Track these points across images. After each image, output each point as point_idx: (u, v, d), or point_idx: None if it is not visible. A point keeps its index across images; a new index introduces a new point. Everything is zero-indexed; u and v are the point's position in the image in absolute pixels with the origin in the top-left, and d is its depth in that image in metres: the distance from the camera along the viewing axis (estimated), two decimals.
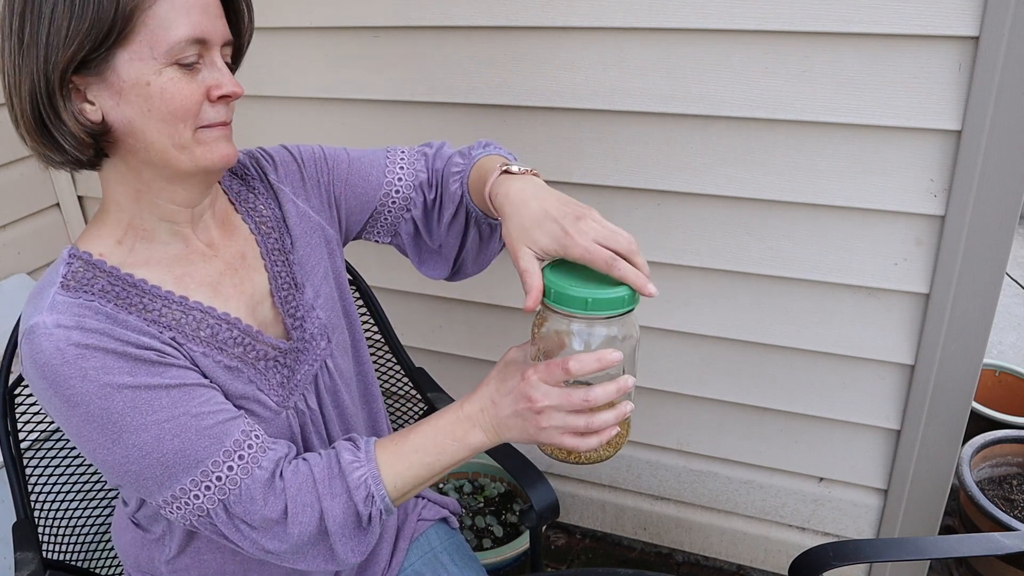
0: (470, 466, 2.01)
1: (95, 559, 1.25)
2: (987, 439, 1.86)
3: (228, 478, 0.79)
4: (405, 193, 1.03)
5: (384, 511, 0.83)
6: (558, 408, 0.77)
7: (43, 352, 0.75)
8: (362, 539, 0.84)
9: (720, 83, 1.41)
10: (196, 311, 0.85)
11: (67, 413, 0.77)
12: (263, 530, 0.81)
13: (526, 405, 0.78)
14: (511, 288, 1.75)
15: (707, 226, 1.54)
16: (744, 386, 1.66)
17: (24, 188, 2.01)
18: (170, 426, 0.78)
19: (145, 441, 0.77)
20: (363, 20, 1.59)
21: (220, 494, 0.79)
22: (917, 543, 1.10)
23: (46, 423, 1.23)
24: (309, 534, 0.81)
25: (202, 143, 0.80)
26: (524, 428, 0.79)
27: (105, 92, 0.77)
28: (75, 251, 0.82)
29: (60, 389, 0.75)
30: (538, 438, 0.79)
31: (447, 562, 1.13)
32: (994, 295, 1.37)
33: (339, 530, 0.82)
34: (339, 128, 1.72)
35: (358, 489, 0.82)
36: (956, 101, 1.29)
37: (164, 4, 0.75)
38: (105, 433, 0.77)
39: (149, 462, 0.78)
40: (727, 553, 1.87)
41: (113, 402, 0.76)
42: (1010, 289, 3.06)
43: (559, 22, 1.45)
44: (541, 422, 0.78)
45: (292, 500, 0.81)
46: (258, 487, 0.80)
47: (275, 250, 0.96)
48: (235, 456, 0.80)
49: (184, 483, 0.79)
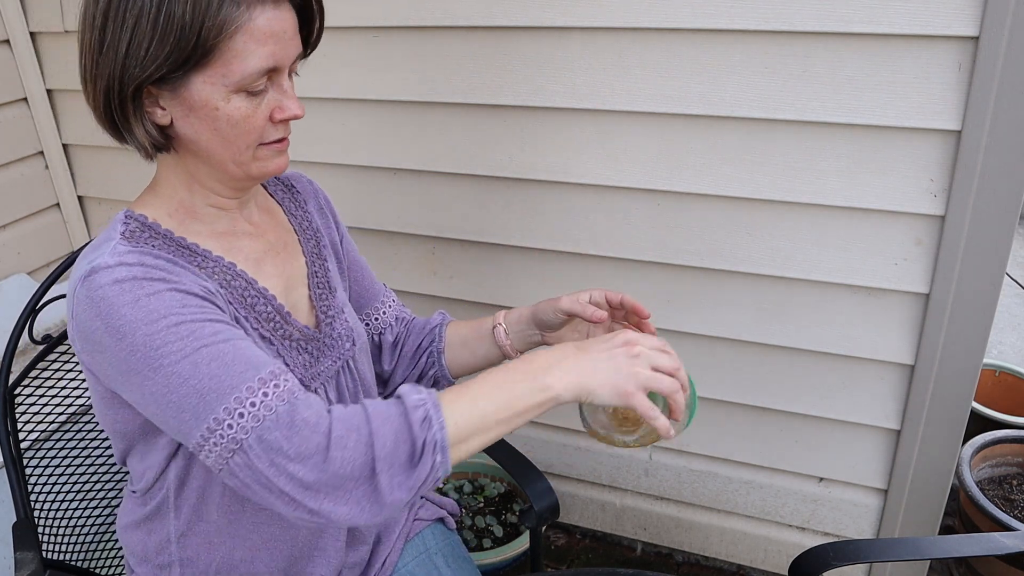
0: (470, 466, 2.01)
1: (95, 559, 1.25)
2: (987, 439, 1.86)
3: (263, 403, 0.76)
4: (388, 318, 1.16)
5: (440, 446, 0.74)
6: (652, 350, 0.81)
7: (101, 287, 0.78)
8: (411, 474, 0.75)
9: (720, 83, 1.41)
10: (241, 279, 0.90)
11: (116, 349, 0.78)
12: (300, 460, 0.74)
13: (624, 349, 0.80)
14: (511, 288, 1.75)
15: (707, 226, 1.54)
16: (744, 386, 1.66)
17: (24, 188, 2.01)
18: (207, 352, 0.77)
19: (183, 368, 0.77)
20: (363, 20, 1.59)
21: (254, 421, 0.75)
22: (917, 543, 1.10)
23: (46, 423, 1.23)
24: (353, 462, 0.74)
25: (259, 159, 0.87)
26: (616, 367, 0.79)
27: (176, 103, 0.82)
28: (131, 213, 0.87)
29: (112, 321, 0.77)
30: (627, 382, 0.78)
31: (441, 564, 1.13)
32: (994, 295, 1.37)
33: (388, 457, 0.74)
34: (339, 128, 1.73)
35: (416, 410, 0.75)
36: (956, 101, 1.28)
37: (243, 35, 0.79)
38: (147, 361, 0.77)
39: (187, 390, 0.76)
40: (727, 553, 1.87)
41: (157, 328, 0.77)
42: (1010, 289, 3.06)
43: (559, 22, 1.45)
44: (636, 363, 0.79)
45: (338, 421, 0.75)
46: (297, 413, 0.76)
47: (313, 252, 1.02)
48: (270, 384, 0.77)
49: (218, 412, 0.75)
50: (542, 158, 1.59)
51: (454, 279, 1.80)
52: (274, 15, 0.81)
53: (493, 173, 1.64)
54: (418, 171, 1.71)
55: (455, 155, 1.66)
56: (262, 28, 0.80)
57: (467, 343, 1.11)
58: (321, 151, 1.75)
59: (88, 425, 1.29)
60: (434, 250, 1.79)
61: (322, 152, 1.75)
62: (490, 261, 1.75)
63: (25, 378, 1.19)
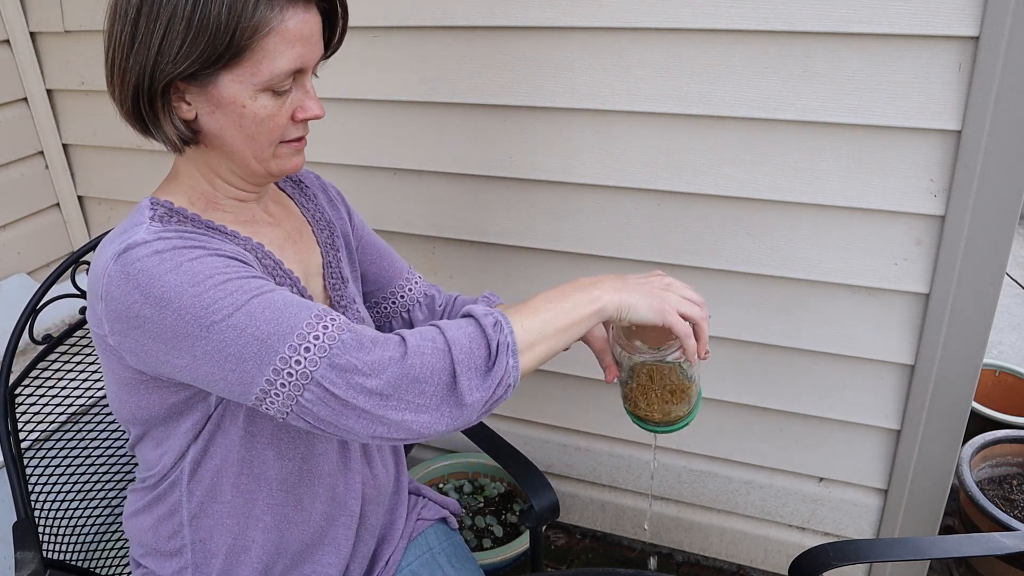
0: (470, 466, 2.01)
1: (95, 559, 1.25)
2: (987, 439, 1.86)
3: (326, 335, 0.77)
4: (415, 295, 1.18)
5: (511, 349, 0.79)
6: (682, 287, 0.90)
7: (139, 259, 0.78)
8: (487, 376, 0.79)
9: (720, 83, 1.41)
10: (269, 259, 0.93)
11: (160, 318, 0.78)
12: (376, 374, 0.76)
13: (658, 280, 0.90)
14: (511, 288, 1.75)
15: (707, 226, 1.54)
16: (744, 386, 1.66)
17: (24, 188, 2.01)
18: (259, 302, 0.79)
19: (239, 320, 0.77)
20: (363, 20, 1.59)
21: (320, 352, 0.76)
22: (917, 543, 1.10)
23: (46, 423, 1.23)
24: (432, 367, 0.77)
25: (279, 156, 0.90)
26: (651, 293, 0.87)
27: (202, 99, 0.84)
28: (156, 200, 0.89)
29: (153, 291, 0.77)
30: (663, 304, 0.87)
31: (444, 563, 1.13)
32: (994, 295, 1.37)
33: (466, 359, 0.78)
34: (339, 128, 1.73)
35: (486, 316, 0.81)
36: (956, 101, 1.29)
37: (275, 36, 0.81)
38: (199, 323, 0.77)
39: (245, 339, 0.77)
40: (727, 553, 1.87)
41: (204, 288, 0.78)
42: (1010, 289, 3.06)
43: (559, 22, 1.45)
44: (667, 294, 0.88)
45: (413, 335, 0.79)
46: (363, 335, 0.79)
47: (327, 242, 1.04)
48: (327, 318, 0.79)
49: (283, 351, 0.77)
50: (542, 158, 1.59)
51: (454, 278, 1.80)
52: (304, 17, 0.83)
53: (493, 173, 1.64)
54: (418, 171, 1.71)
55: (455, 155, 1.66)
56: (292, 30, 0.81)
57: None
58: (321, 151, 1.75)
59: (88, 425, 1.29)
60: (434, 250, 1.79)
61: (322, 152, 1.75)
62: (490, 261, 1.75)
63: (25, 378, 1.19)
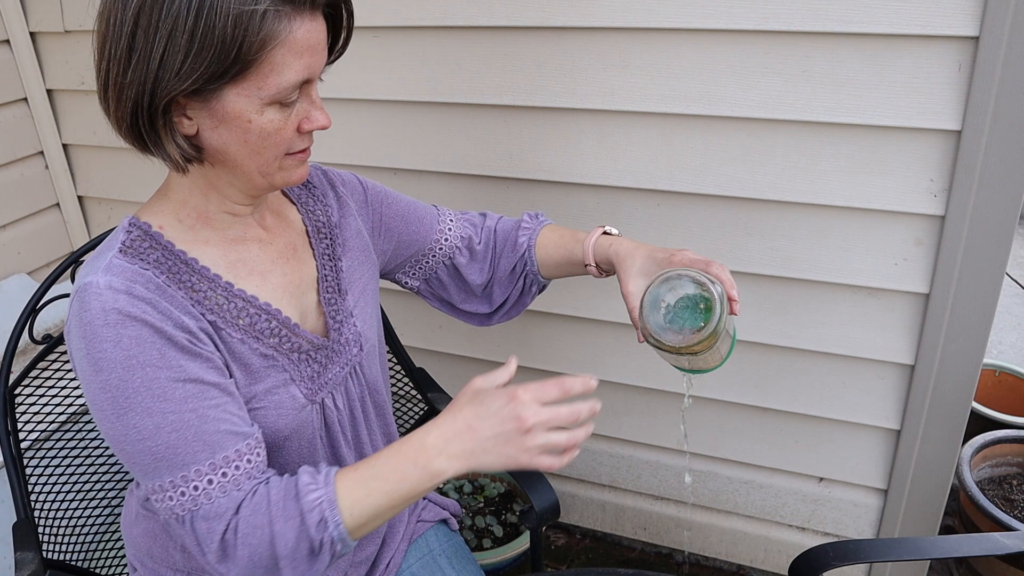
0: None
1: (95, 559, 1.25)
2: (987, 439, 1.86)
3: (204, 492, 0.79)
4: (452, 243, 1.15)
5: (337, 539, 0.79)
6: (545, 425, 0.78)
7: (89, 310, 0.78)
8: (313, 563, 0.80)
9: (720, 83, 1.41)
10: (239, 299, 0.88)
11: (91, 377, 0.78)
12: (216, 552, 0.79)
13: (515, 425, 0.77)
14: None
15: (707, 226, 1.54)
16: (744, 386, 1.66)
17: (24, 188, 2.01)
18: (172, 419, 0.78)
19: (146, 425, 0.78)
20: (363, 20, 1.59)
21: (192, 504, 0.79)
22: (917, 543, 1.10)
23: (46, 423, 1.23)
24: (260, 557, 0.79)
25: (283, 169, 0.86)
26: (505, 449, 0.78)
27: (205, 114, 0.79)
28: (135, 221, 0.86)
29: (92, 351, 0.78)
30: (518, 459, 0.78)
31: (445, 565, 1.13)
32: (994, 295, 1.37)
33: (290, 554, 0.79)
34: (339, 128, 1.72)
35: (311, 512, 0.78)
36: (956, 101, 1.29)
37: (282, 48, 0.77)
38: (114, 405, 0.78)
39: (141, 448, 0.79)
40: (727, 553, 1.87)
41: (133, 376, 0.77)
42: (1010, 289, 3.06)
43: (559, 22, 1.45)
44: (527, 442, 0.77)
45: (244, 521, 0.79)
46: (230, 508, 0.80)
47: (325, 254, 1.00)
48: (219, 472, 0.80)
49: (164, 481, 0.79)
50: (542, 158, 1.59)
51: None
52: (312, 26, 0.79)
53: (493, 173, 1.64)
54: (418, 171, 1.71)
55: (455, 155, 1.66)
56: (300, 41, 0.78)
57: (560, 267, 1.15)
58: (321, 151, 1.75)
59: (88, 425, 1.29)
60: None
61: (322, 152, 1.75)
62: None
63: (25, 378, 1.19)
